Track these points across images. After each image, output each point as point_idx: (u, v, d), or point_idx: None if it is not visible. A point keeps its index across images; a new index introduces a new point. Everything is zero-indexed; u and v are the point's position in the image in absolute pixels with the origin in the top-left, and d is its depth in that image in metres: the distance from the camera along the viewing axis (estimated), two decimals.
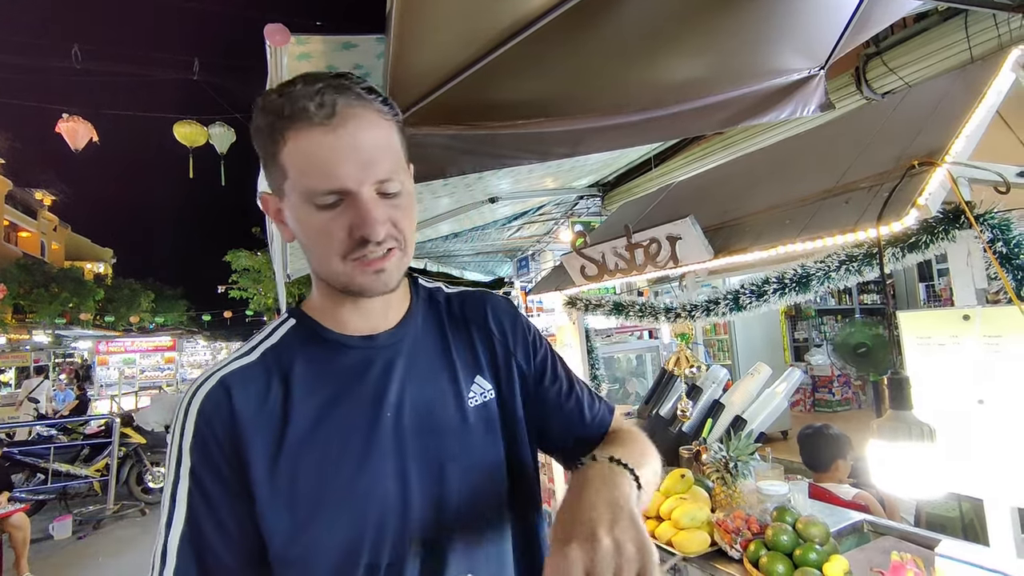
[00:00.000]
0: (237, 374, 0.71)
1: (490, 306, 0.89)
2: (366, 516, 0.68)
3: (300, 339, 0.76)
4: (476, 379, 0.81)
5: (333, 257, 0.68)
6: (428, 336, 0.82)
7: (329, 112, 0.64)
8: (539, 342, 0.91)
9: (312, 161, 0.65)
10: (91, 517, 5.70)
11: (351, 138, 0.65)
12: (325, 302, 0.77)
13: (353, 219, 0.66)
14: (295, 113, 0.64)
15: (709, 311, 1.60)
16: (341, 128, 0.64)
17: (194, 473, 0.66)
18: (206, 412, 0.67)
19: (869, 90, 3.44)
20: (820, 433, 2.55)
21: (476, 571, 0.73)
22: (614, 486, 0.63)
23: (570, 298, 2.34)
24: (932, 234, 1.08)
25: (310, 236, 0.69)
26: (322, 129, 0.64)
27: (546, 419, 0.87)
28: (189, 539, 0.64)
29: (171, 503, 0.65)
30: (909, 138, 1.26)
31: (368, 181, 0.66)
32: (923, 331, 1.15)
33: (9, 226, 25.45)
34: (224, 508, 0.66)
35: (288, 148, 0.65)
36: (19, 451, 5.88)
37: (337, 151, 0.64)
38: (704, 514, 1.74)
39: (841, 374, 6.28)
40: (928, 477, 0.96)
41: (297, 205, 0.68)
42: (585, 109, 2.23)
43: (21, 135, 26.90)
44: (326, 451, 0.69)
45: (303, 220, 0.68)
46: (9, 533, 4.20)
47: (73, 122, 8.38)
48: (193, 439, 0.67)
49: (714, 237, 1.53)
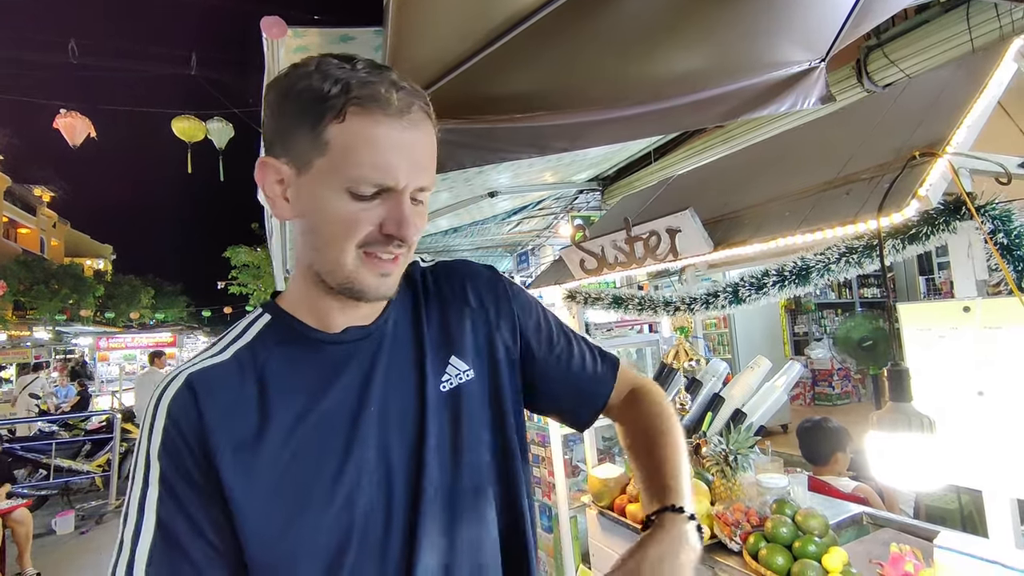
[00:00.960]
0: (208, 373, 0.67)
1: (468, 278, 0.84)
2: (350, 516, 0.66)
3: (275, 336, 0.72)
4: (451, 360, 0.78)
5: (347, 245, 0.65)
6: (403, 321, 0.78)
7: (405, 108, 0.63)
8: (528, 306, 0.87)
9: (373, 148, 0.62)
10: (93, 512, 5.72)
11: (415, 140, 0.64)
12: (306, 297, 0.73)
13: (389, 215, 0.65)
14: (370, 95, 0.61)
15: (708, 304, 1.60)
16: (412, 128, 0.64)
17: (164, 479, 0.62)
18: (174, 414, 0.64)
19: (870, 82, 3.42)
20: (819, 426, 2.55)
21: (460, 561, 0.72)
22: (683, 552, 0.68)
23: (570, 292, 2.34)
24: (933, 225, 1.07)
25: (331, 222, 0.65)
26: (395, 122, 0.62)
27: (546, 383, 0.85)
28: (162, 550, 0.60)
29: (138, 513, 0.61)
30: (910, 129, 1.25)
31: (413, 185, 0.65)
32: (923, 323, 1.15)
33: (8, 222, 25.42)
34: (200, 515, 0.62)
35: (346, 126, 0.61)
36: (21, 447, 5.89)
37: (401, 148, 0.63)
38: (703, 507, 1.75)
39: (841, 368, 6.30)
40: (928, 469, 0.96)
41: (327, 187, 0.64)
42: (584, 102, 2.21)
43: (19, 131, 26.84)
44: (305, 452, 0.66)
45: (329, 204, 0.64)
46: (12, 528, 4.21)
47: (71, 118, 8.35)
48: (162, 444, 0.63)
49: (714, 230, 1.53)
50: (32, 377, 9.91)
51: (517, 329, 0.84)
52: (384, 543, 0.68)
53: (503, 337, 0.82)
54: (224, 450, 0.63)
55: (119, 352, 14.02)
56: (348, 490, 0.67)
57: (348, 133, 0.61)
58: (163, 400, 0.65)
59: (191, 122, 7.72)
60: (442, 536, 0.71)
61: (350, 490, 0.67)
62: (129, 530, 0.60)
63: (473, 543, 0.74)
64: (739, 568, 1.50)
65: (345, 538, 0.66)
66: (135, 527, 0.60)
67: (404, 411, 0.73)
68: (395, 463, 0.71)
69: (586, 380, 0.87)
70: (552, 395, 0.87)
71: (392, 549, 0.68)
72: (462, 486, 0.74)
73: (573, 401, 0.88)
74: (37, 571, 4.26)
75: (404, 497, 0.70)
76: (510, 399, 0.82)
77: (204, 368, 0.68)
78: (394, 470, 0.70)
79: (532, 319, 0.86)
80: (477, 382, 0.79)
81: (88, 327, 20.72)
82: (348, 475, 0.67)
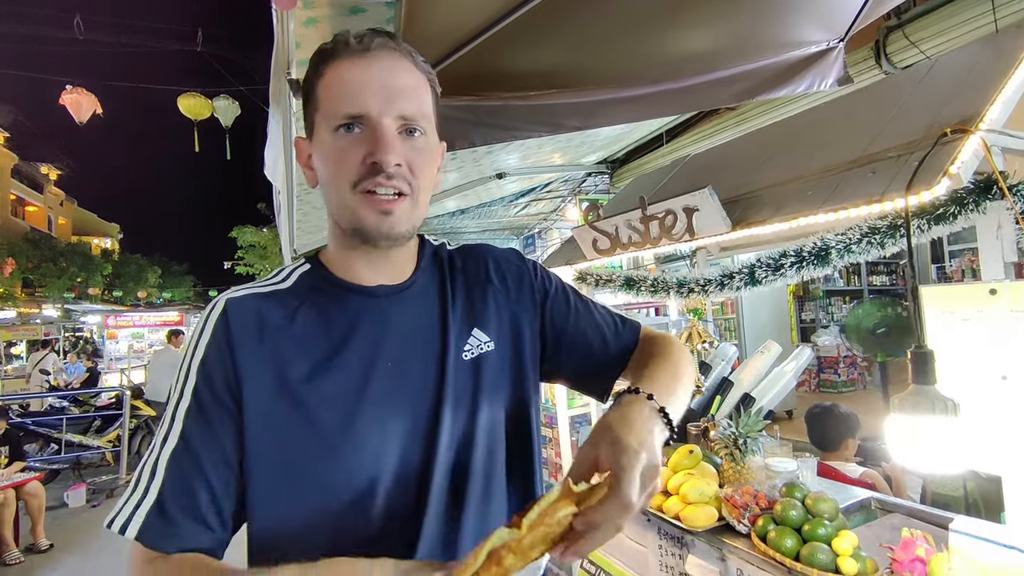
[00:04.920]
0: (247, 302, 0.72)
1: (491, 258, 0.88)
2: (358, 461, 0.68)
3: (310, 283, 0.77)
4: (474, 331, 0.80)
5: (344, 186, 0.69)
6: (431, 290, 0.81)
7: (365, 47, 0.69)
8: (549, 283, 0.90)
9: (340, 86, 0.69)
10: (104, 486, 5.81)
11: (380, 70, 0.69)
12: (338, 251, 0.78)
13: (369, 145, 0.68)
14: (336, 48, 0.70)
15: (723, 285, 1.58)
16: (374, 61, 0.69)
17: (196, 392, 0.68)
18: (216, 333, 0.69)
19: (889, 64, 3.33)
20: (830, 412, 2.54)
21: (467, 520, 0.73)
22: (647, 430, 0.63)
23: (580, 273, 2.32)
24: (962, 205, 1.04)
25: (327, 163, 0.71)
26: (355, 59, 0.69)
27: (570, 351, 0.87)
28: (180, 456, 0.65)
29: (171, 419, 0.67)
30: (939, 107, 1.22)
31: (390, 113, 0.68)
32: (946, 306, 1.13)
33: (16, 200, 25.50)
34: (220, 429, 0.67)
35: (323, 79, 0.70)
36: (32, 421, 5.99)
37: (364, 78, 0.68)
38: (712, 489, 1.75)
39: (848, 355, 6.27)
40: (949, 452, 0.95)
41: (321, 134, 0.71)
42: (599, 80, 2.17)
43: (25, 108, 26.78)
44: (324, 393, 0.69)
45: (323, 148, 0.71)
46: (25, 501, 4.29)
47: (77, 94, 8.31)
48: (201, 360, 0.69)
49: (732, 209, 1.50)
50: (42, 353, 10.04)
51: (537, 304, 0.87)
52: (391, 492, 0.69)
53: (525, 314, 0.85)
54: (251, 378, 0.68)
55: (127, 330, 14.15)
56: (357, 436, 0.69)
57: (325, 83, 0.70)
58: (210, 318, 0.71)
59: (197, 100, 7.67)
60: (452, 493, 0.72)
61: (359, 436, 0.69)
62: (163, 431, 0.67)
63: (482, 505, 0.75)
64: (747, 550, 1.50)
65: (349, 479, 0.68)
66: (167, 429, 0.67)
67: (424, 372, 0.75)
68: (409, 419, 0.72)
69: (610, 343, 0.88)
70: (576, 361, 0.88)
71: (399, 497, 0.69)
72: (476, 450, 0.75)
73: (599, 365, 0.88)
74: (50, 542, 4.35)
75: (418, 453, 0.71)
76: (529, 374, 0.84)
77: (243, 296, 0.73)
78: (407, 426, 0.72)
79: (552, 293, 0.89)
80: (497, 354, 0.81)
81: (96, 305, 20.91)
82: (358, 423, 0.69)
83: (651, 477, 0.58)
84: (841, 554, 1.35)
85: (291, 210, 3.17)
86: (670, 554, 1.73)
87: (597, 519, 0.54)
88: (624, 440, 0.59)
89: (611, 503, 0.55)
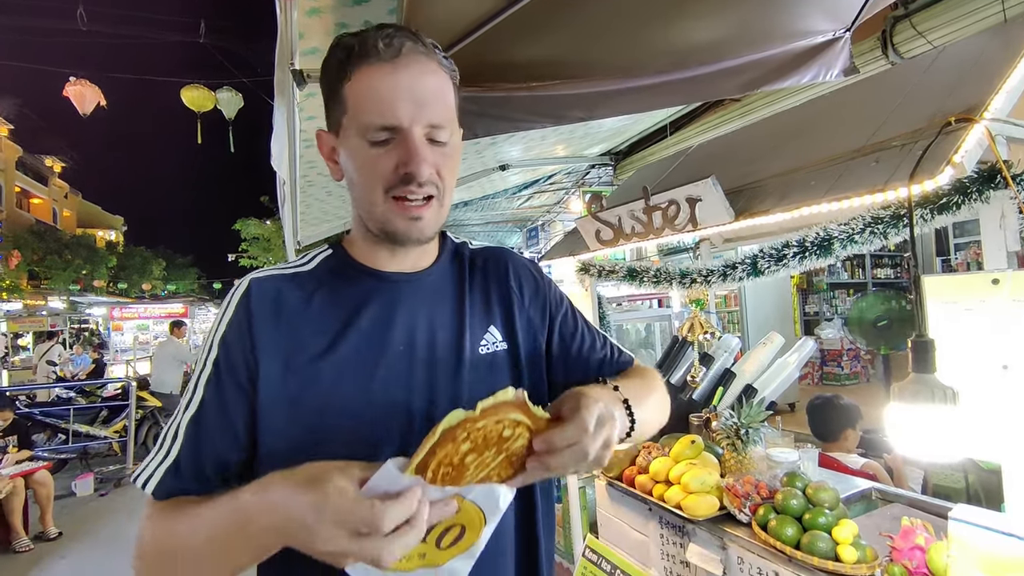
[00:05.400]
0: (271, 282, 0.76)
1: (511, 263, 0.91)
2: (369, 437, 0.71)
3: (330, 267, 0.81)
4: (490, 328, 0.83)
5: (376, 192, 0.72)
6: (448, 282, 0.84)
7: (395, 53, 0.69)
8: (560, 301, 0.93)
9: (372, 96, 0.70)
10: (111, 476, 5.88)
11: (411, 79, 0.70)
12: (362, 240, 0.81)
13: (401, 155, 0.70)
14: (364, 51, 0.70)
15: (726, 276, 1.58)
16: (403, 69, 0.70)
17: (217, 364, 0.72)
18: (239, 312, 0.73)
19: (895, 54, 3.31)
20: (830, 403, 2.55)
21: None
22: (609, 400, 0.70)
23: (583, 264, 2.32)
24: (965, 194, 1.04)
25: (358, 170, 0.73)
26: (386, 67, 0.69)
27: (571, 377, 0.90)
28: (198, 422, 0.70)
29: (194, 387, 0.72)
30: (944, 96, 1.21)
31: (420, 122, 0.70)
32: (949, 296, 1.13)
33: (21, 192, 25.58)
34: (231, 404, 0.71)
35: (352, 83, 0.71)
36: (40, 412, 6.05)
37: (396, 89, 0.69)
38: (713, 479, 1.76)
39: (851, 348, 6.26)
40: (948, 440, 0.95)
41: (351, 139, 0.72)
42: (603, 71, 2.16)
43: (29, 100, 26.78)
44: (336, 369, 0.72)
45: (354, 154, 0.73)
46: (34, 489, 4.35)
47: (81, 86, 8.31)
48: (223, 335, 0.73)
49: (735, 199, 1.49)
50: (49, 345, 10.12)
51: (547, 318, 0.90)
52: None
53: (534, 322, 0.88)
54: (268, 352, 0.72)
55: (132, 322, 14.23)
56: (365, 412, 0.71)
57: (355, 89, 0.71)
58: (235, 296, 0.75)
59: (200, 91, 7.66)
60: None
61: (367, 412, 0.71)
62: (187, 397, 0.72)
63: None
64: (747, 539, 1.51)
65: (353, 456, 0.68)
66: (191, 396, 0.72)
67: (443, 360, 0.78)
68: (425, 401, 0.74)
69: (606, 369, 0.93)
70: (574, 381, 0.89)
71: None
72: None
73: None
74: (59, 530, 4.41)
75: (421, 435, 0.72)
76: (534, 378, 0.86)
77: (267, 277, 0.77)
78: (422, 407, 0.74)
79: (562, 312, 0.93)
80: (508, 355, 0.84)
81: (102, 297, 21.01)
82: (366, 400, 0.72)
83: (607, 424, 0.63)
84: (841, 542, 1.36)
85: (294, 202, 3.17)
86: (671, 543, 1.74)
87: (555, 439, 0.60)
88: (587, 393, 0.65)
89: (569, 426, 0.61)
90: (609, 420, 0.64)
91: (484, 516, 0.60)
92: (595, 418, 0.62)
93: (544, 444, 0.60)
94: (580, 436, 0.60)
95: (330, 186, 3.71)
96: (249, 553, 0.62)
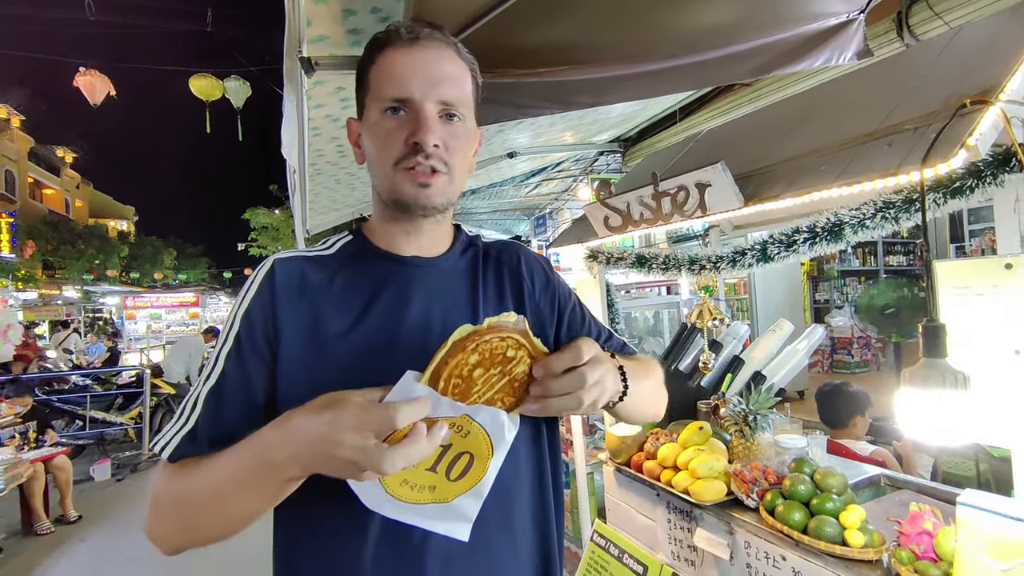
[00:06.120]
0: (294, 262, 0.80)
1: (523, 255, 0.95)
2: None
3: (350, 251, 0.85)
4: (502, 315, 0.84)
5: (388, 162, 0.77)
6: (463, 268, 0.88)
7: (414, 37, 0.76)
8: (568, 296, 0.97)
9: (389, 71, 0.76)
10: (128, 462, 6.00)
11: (425, 58, 0.76)
12: (380, 224, 0.86)
13: (412, 127, 0.75)
14: (388, 38, 0.77)
15: (735, 262, 1.57)
16: (419, 50, 0.76)
17: (238, 339, 0.75)
18: (263, 290, 0.77)
19: (911, 36, 3.22)
20: (839, 390, 2.54)
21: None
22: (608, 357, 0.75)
23: (591, 251, 2.32)
24: (979, 178, 1.02)
25: (375, 142, 0.78)
26: (404, 48, 0.76)
27: None
28: (217, 392, 0.74)
29: (215, 359, 0.75)
30: (959, 78, 1.19)
31: (432, 98, 0.75)
32: (961, 281, 1.12)
33: (34, 183, 25.84)
34: (251, 377, 0.74)
35: (375, 65, 0.78)
36: (57, 399, 6.17)
37: (411, 65, 0.75)
38: (721, 465, 1.76)
39: (861, 336, 6.22)
40: (958, 426, 0.95)
41: (371, 114, 0.78)
42: (612, 56, 2.14)
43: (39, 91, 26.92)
44: (354, 347, 0.75)
45: (372, 128, 0.78)
46: (54, 474, 4.46)
47: (90, 76, 8.35)
48: (246, 311, 0.76)
49: (744, 185, 1.48)
50: (65, 333, 10.29)
51: (556, 310, 0.94)
52: None
53: (544, 313, 0.92)
54: (290, 329, 0.75)
55: (145, 311, 14.40)
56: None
57: (376, 70, 0.78)
58: (259, 274, 0.79)
59: (209, 80, 7.67)
60: None
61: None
62: (208, 368, 0.75)
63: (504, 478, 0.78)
64: (755, 524, 1.52)
65: None
66: (212, 367, 0.75)
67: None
68: None
69: None
70: None
71: None
72: None
73: None
74: (79, 514, 4.52)
75: None
76: None
77: (290, 258, 0.81)
78: None
79: (570, 306, 0.96)
80: None
81: (115, 287, 21.27)
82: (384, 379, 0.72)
83: (603, 362, 0.70)
84: (848, 527, 1.36)
85: (303, 190, 3.19)
86: (679, 527, 1.76)
87: (552, 363, 0.67)
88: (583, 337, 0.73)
89: (566, 352, 0.68)
90: (605, 360, 0.71)
91: (491, 444, 0.63)
92: (591, 352, 0.69)
93: (543, 369, 0.67)
94: (576, 362, 0.67)
95: (339, 175, 3.72)
96: (269, 488, 0.65)
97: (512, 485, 0.80)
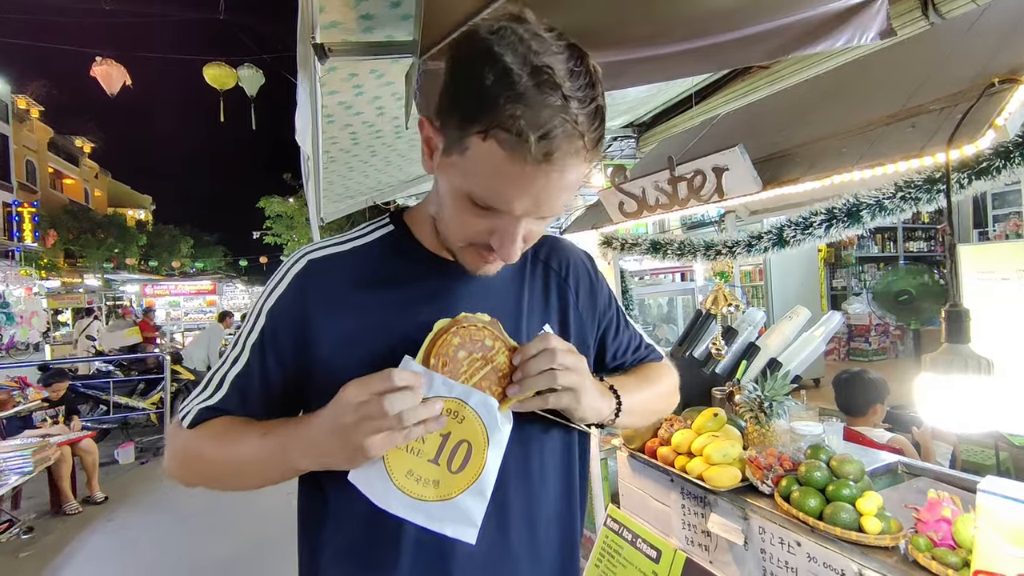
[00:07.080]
0: (324, 263, 0.78)
1: (571, 261, 0.93)
2: None
3: (390, 243, 0.81)
4: (544, 326, 0.84)
5: (459, 236, 0.72)
6: (508, 279, 0.84)
7: (541, 157, 0.58)
8: (608, 302, 0.97)
9: (499, 179, 0.62)
10: (151, 446, 6.16)
11: (547, 182, 0.61)
12: (427, 224, 0.80)
13: (498, 231, 0.68)
14: (518, 131, 0.57)
15: (751, 246, 1.55)
16: (547, 172, 0.60)
17: (264, 332, 0.76)
18: (294, 291, 0.76)
19: (936, 14, 3.13)
20: (859, 377, 2.51)
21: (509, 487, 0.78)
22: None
23: (605, 237, 2.31)
24: (1007, 159, 0.99)
25: (447, 208, 0.71)
26: (526, 166, 0.59)
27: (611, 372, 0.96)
28: (242, 379, 0.76)
29: (241, 345, 0.77)
30: (988, 56, 1.15)
31: (533, 214, 0.66)
32: (985, 266, 1.10)
33: (54, 173, 26.28)
34: (271, 372, 0.76)
35: (485, 146, 0.60)
36: (82, 384, 6.33)
37: (526, 188, 0.62)
38: (736, 451, 1.76)
39: (879, 323, 6.13)
40: (980, 412, 0.94)
41: (454, 182, 0.67)
42: (625, 39, 2.10)
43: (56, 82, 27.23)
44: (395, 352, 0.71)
45: (450, 196, 0.69)
46: (80, 457, 4.59)
47: (107, 65, 8.42)
48: (272, 307, 0.77)
49: (762, 169, 1.45)
50: (88, 320, 10.52)
51: (597, 318, 0.93)
52: None
53: (585, 321, 0.91)
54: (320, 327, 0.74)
55: (164, 299, 14.67)
56: None
57: (484, 153, 0.60)
58: (290, 272, 0.78)
59: (222, 69, 7.70)
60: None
61: None
62: (234, 352, 0.77)
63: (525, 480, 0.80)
64: (770, 510, 1.52)
65: None
66: (237, 354, 0.77)
67: None
68: None
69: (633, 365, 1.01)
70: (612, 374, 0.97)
71: None
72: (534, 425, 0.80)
73: None
74: (105, 495, 4.66)
75: None
76: None
77: (324, 256, 0.79)
78: None
79: (611, 313, 0.96)
80: None
81: (134, 275, 21.67)
82: None
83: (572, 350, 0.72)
84: (865, 514, 1.35)
85: (317, 178, 3.20)
86: (693, 513, 1.76)
87: (527, 348, 0.70)
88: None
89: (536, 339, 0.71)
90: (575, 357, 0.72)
91: (486, 431, 0.66)
92: (557, 339, 0.71)
93: (520, 355, 0.70)
94: (545, 345, 0.69)
95: (352, 162, 3.72)
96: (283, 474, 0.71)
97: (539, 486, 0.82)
